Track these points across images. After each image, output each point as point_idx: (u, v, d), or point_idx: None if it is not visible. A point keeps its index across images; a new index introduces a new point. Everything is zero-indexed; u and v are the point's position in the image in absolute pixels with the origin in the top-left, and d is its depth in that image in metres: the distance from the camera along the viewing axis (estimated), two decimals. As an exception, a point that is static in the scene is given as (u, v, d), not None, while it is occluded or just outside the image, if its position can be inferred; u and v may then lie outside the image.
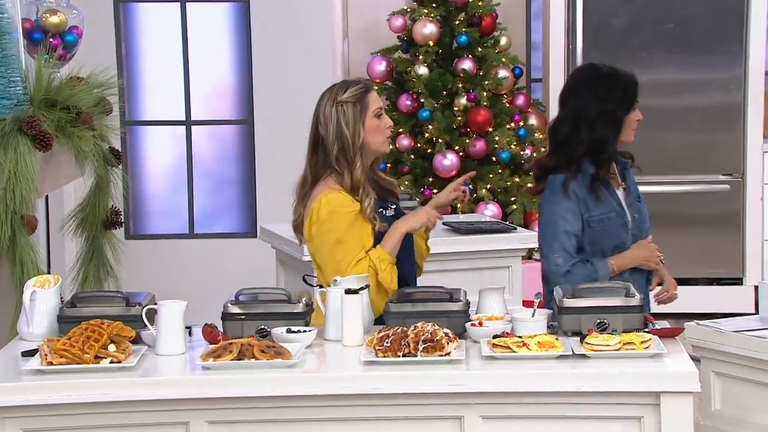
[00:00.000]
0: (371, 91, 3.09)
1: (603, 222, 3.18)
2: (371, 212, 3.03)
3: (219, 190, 5.95)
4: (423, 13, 5.68)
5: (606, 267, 3.16)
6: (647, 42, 5.68)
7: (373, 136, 3.06)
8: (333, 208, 3.04)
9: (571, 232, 3.15)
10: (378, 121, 3.07)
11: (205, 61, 5.83)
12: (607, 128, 3.14)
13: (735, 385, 2.81)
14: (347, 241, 3.02)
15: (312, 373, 2.67)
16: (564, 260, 3.14)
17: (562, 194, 3.15)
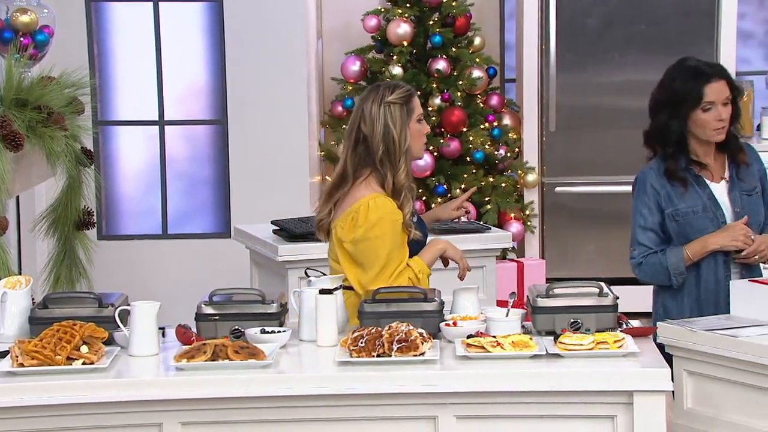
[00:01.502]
0: (415, 95, 3.12)
1: (688, 216, 3.19)
2: (409, 219, 3.06)
3: (192, 190, 5.92)
4: (397, 13, 5.68)
5: (679, 254, 3.18)
6: (619, 42, 5.71)
7: (414, 141, 3.10)
8: (382, 215, 3.03)
9: (646, 227, 3.22)
10: (419, 126, 3.11)
11: (178, 60, 5.80)
12: (670, 119, 3.18)
13: (707, 384, 2.83)
14: (393, 250, 3.04)
15: (286, 373, 2.66)
16: (638, 252, 3.23)
17: (639, 189, 3.24)
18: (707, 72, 3.17)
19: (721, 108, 3.16)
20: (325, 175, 5.99)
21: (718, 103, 3.16)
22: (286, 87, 5.67)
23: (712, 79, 3.16)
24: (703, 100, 3.15)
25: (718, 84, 3.16)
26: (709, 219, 3.20)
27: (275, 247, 4.16)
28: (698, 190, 3.21)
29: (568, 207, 5.82)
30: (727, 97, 3.17)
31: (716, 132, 3.17)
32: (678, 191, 3.20)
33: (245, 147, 5.71)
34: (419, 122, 3.11)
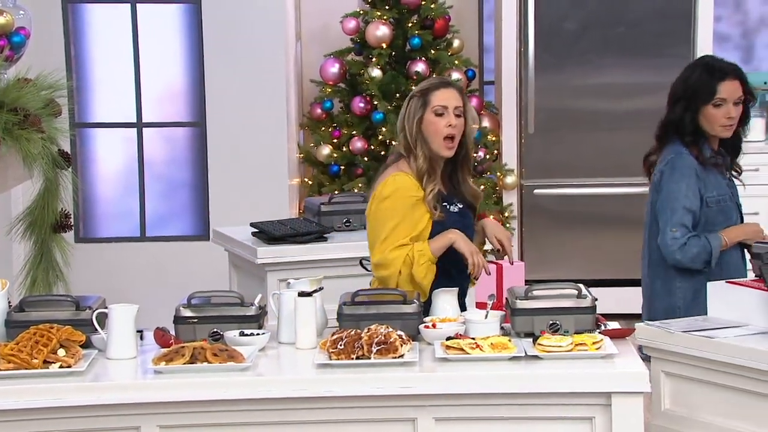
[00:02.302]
0: (443, 88, 3.14)
1: (720, 203, 3.33)
2: (432, 199, 3.10)
3: (171, 193, 5.90)
4: (376, 15, 5.68)
5: (718, 239, 3.29)
6: (597, 45, 5.74)
7: (428, 134, 3.12)
8: (396, 189, 3.12)
9: (690, 209, 3.31)
10: (435, 118, 3.12)
11: (156, 62, 5.78)
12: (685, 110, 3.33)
13: (684, 385, 2.85)
14: (400, 223, 3.08)
15: (265, 376, 2.66)
16: (681, 234, 3.28)
17: (682, 172, 3.31)
18: (724, 70, 3.32)
19: (731, 106, 3.30)
20: (304, 177, 5.99)
21: (730, 101, 3.29)
22: (264, 89, 5.66)
23: (727, 77, 3.30)
24: (716, 96, 3.29)
25: (732, 83, 3.30)
26: (734, 208, 3.36)
27: (254, 250, 4.16)
28: (722, 179, 3.38)
29: (547, 209, 5.84)
30: (740, 98, 3.30)
31: (723, 128, 3.31)
32: (711, 178, 3.34)
33: (224, 149, 5.70)
34: (437, 115, 3.11)
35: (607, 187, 5.79)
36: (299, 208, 5.81)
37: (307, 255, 4.13)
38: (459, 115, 3.13)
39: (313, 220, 4.38)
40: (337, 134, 5.75)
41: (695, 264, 3.31)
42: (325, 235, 4.22)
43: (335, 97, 5.83)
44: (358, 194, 4.75)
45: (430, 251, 3.07)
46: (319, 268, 3.92)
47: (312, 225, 4.30)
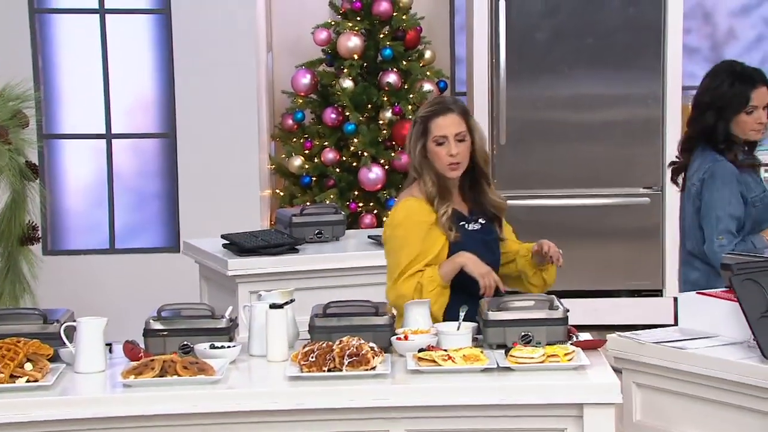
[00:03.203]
0: (442, 115, 3.11)
1: (763, 200, 3.45)
2: (446, 221, 3.10)
3: (141, 204, 5.88)
4: (347, 26, 5.70)
5: (762, 240, 3.44)
6: (568, 56, 5.78)
7: (434, 160, 3.13)
8: (407, 214, 3.14)
9: (735, 215, 3.41)
10: (437, 148, 3.11)
11: (125, 73, 5.76)
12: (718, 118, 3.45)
13: (655, 396, 2.86)
14: (411, 250, 3.09)
15: (236, 389, 2.65)
16: (728, 241, 3.39)
17: (724, 180, 3.42)
18: (755, 77, 3.46)
19: (762, 111, 3.44)
20: (275, 189, 5.98)
21: (761, 107, 3.44)
22: (235, 100, 5.65)
23: (758, 84, 3.45)
24: (750, 104, 3.43)
25: (762, 89, 3.45)
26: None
27: (225, 261, 4.14)
28: (758, 179, 3.51)
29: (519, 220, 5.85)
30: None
31: (755, 132, 3.46)
32: (748, 179, 3.46)
33: (194, 160, 5.68)
34: (438, 144, 3.10)
35: (580, 198, 5.83)
36: (270, 220, 5.80)
37: (278, 267, 4.12)
38: (461, 140, 3.11)
39: (284, 232, 4.37)
40: (309, 145, 5.75)
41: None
42: (296, 247, 4.22)
43: (307, 108, 5.83)
44: (330, 206, 4.76)
45: (440, 276, 3.07)
46: (291, 280, 3.92)
47: (283, 237, 4.29)
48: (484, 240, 3.18)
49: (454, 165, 3.11)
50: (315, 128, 5.80)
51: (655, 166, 5.80)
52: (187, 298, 4.12)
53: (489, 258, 3.14)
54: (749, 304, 2.70)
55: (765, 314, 2.69)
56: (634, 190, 5.82)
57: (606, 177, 5.85)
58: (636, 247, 5.77)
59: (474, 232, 3.16)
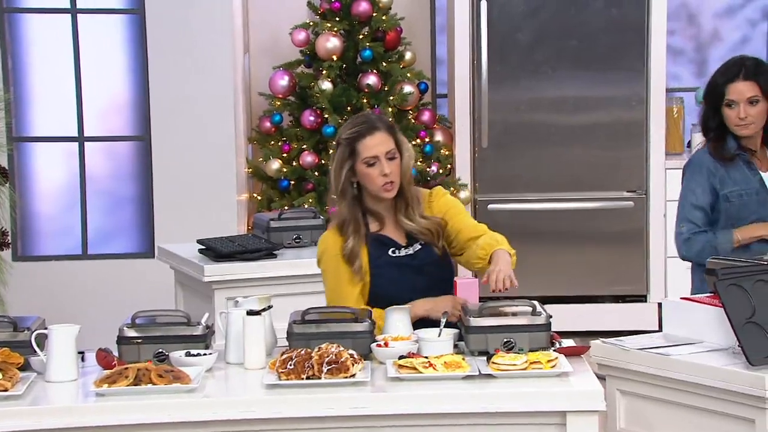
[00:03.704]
0: (369, 135, 3.04)
1: (742, 197, 3.44)
2: (347, 252, 3.07)
3: (114, 209, 5.86)
4: (326, 27, 5.70)
5: (728, 235, 3.42)
6: (551, 57, 5.81)
7: (366, 183, 3.08)
8: (323, 249, 3.14)
9: (697, 205, 3.45)
10: (369, 169, 3.05)
11: (98, 74, 5.74)
12: (708, 109, 3.48)
13: (640, 404, 2.88)
14: (337, 286, 3.10)
15: (212, 397, 2.64)
16: (687, 230, 3.45)
17: (693, 170, 3.48)
18: (733, 71, 3.46)
19: (744, 106, 3.43)
20: (252, 193, 5.98)
21: (740, 102, 3.43)
22: (211, 102, 5.64)
23: (734, 78, 3.44)
24: (725, 97, 3.44)
25: (741, 84, 3.44)
26: (760, 203, 3.45)
27: (201, 267, 4.14)
28: (749, 174, 3.47)
29: (502, 225, 5.86)
30: (753, 97, 3.43)
31: (738, 128, 3.45)
32: (731, 173, 3.45)
33: (169, 164, 5.67)
34: (369, 165, 3.04)
35: (563, 202, 5.85)
36: (248, 224, 5.79)
37: (255, 272, 4.12)
38: (392, 158, 3.05)
39: (262, 237, 4.37)
40: (287, 148, 5.75)
41: (701, 259, 3.42)
42: (274, 252, 4.22)
43: (285, 110, 5.83)
44: (309, 210, 4.76)
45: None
46: (269, 286, 3.92)
47: (261, 242, 4.29)
48: (414, 266, 3.11)
49: (389, 185, 3.05)
50: (293, 131, 5.79)
51: (639, 169, 5.83)
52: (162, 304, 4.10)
53: (422, 283, 3.09)
54: (734, 310, 2.72)
55: (750, 320, 2.71)
56: (618, 194, 5.85)
57: (589, 180, 5.88)
58: (620, 251, 5.79)
59: (401, 259, 3.10)
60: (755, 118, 3.45)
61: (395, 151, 3.07)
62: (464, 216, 3.20)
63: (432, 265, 3.15)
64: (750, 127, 3.46)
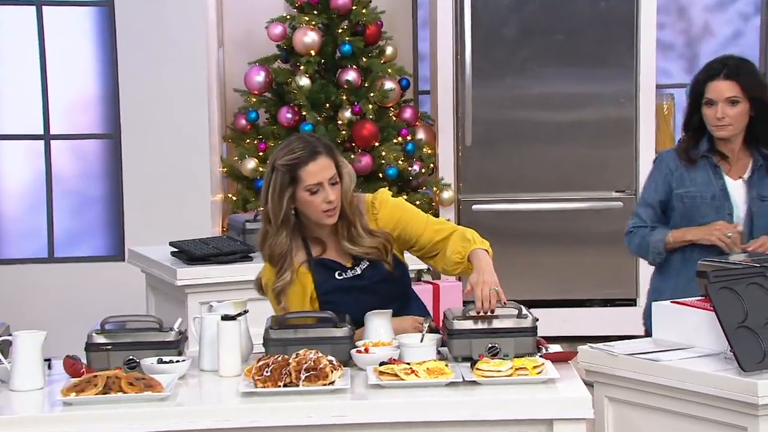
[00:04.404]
0: (311, 161, 2.97)
1: (695, 200, 3.46)
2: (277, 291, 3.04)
3: (82, 210, 5.84)
4: (304, 20, 5.70)
5: (662, 235, 3.47)
6: (537, 53, 5.83)
7: (307, 210, 3.03)
8: (265, 283, 3.10)
9: (647, 202, 3.52)
10: (311, 197, 2.99)
11: (65, 69, 5.73)
12: (690, 107, 3.50)
13: (629, 411, 2.89)
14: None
15: (185, 406, 2.64)
16: (632, 223, 3.54)
17: (655, 166, 3.54)
18: (715, 69, 3.45)
19: (723, 106, 3.42)
20: (227, 193, 5.98)
21: (719, 101, 3.42)
22: (184, 98, 5.64)
23: (716, 77, 3.44)
24: (704, 96, 3.45)
25: (721, 83, 3.43)
26: (714, 208, 3.45)
27: (173, 271, 4.13)
28: (712, 179, 3.48)
29: (486, 225, 5.91)
30: (732, 97, 3.42)
31: (715, 128, 3.45)
32: (693, 174, 3.47)
33: (140, 163, 5.66)
34: (312, 193, 2.98)
35: (549, 203, 5.88)
36: (222, 226, 5.79)
37: (230, 276, 4.12)
38: (335, 182, 3.00)
39: (237, 239, 4.37)
40: (263, 147, 5.75)
41: (641, 254, 3.53)
42: (250, 255, 4.22)
43: (261, 107, 5.83)
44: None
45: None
46: (244, 290, 3.90)
47: (236, 244, 4.29)
48: (362, 287, 3.08)
49: (331, 212, 3.01)
50: (269, 129, 5.79)
51: (628, 168, 5.87)
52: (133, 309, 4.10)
53: (374, 302, 3.05)
54: (726, 314, 2.73)
55: (742, 324, 2.73)
56: (607, 194, 5.88)
57: (577, 180, 5.91)
58: (608, 254, 5.82)
59: (348, 281, 3.08)
60: (733, 119, 3.43)
61: (337, 175, 3.01)
62: (417, 218, 3.14)
63: (382, 283, 3.11)
64: (727, 128, 3.44)
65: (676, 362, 2.80)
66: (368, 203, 3.12)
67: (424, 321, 3.04)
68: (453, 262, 3.05)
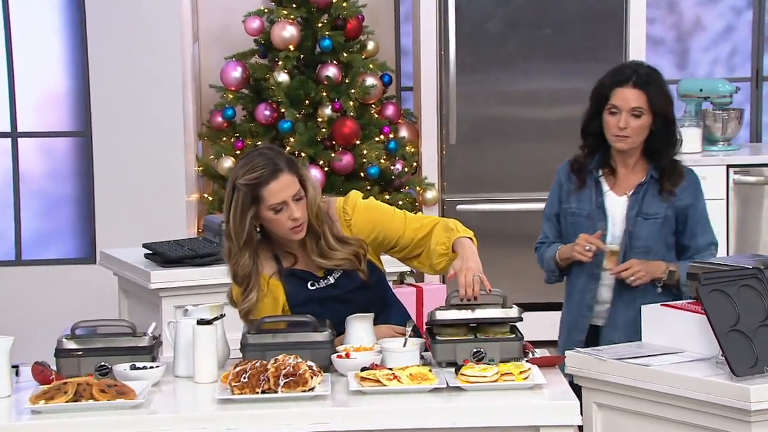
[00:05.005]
0: (273, 180, 2.94)
1: (573, 216, 3.43)
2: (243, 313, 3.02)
3: (51, 210, 5.83)
4: (282, 14, 5.70)
5: (552, 252, 3.45)
6: (524, 48, 5.85)
7: (273, 228, 3.01)
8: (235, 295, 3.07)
9: (548, 216, 3.50)
10: (276, 215, 2.97)
11: (32, 63, 5.71)
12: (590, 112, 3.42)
13: (617, 417, 2.91)
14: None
15: (160, 413, 2.64)
16: (539, 239, 3.52)
17: (556, 178, 3.51)
18: (624, 75, 3.36)
19: (626, 116, 3.33)
20: (203, 193, 5.97)
21: (623, 110, 3.33)
22: (158, 95, 5.63)
23: (624, 84, 3.34)
24: (609, 102, 3.35)
25: (629, 91, 3.33)
26: (586, 227, 3.39)
27: (147, 273, 4.13)
28: (592, 195, 3.42)
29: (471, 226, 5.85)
30: (637, 108, 3.32)
31: (615, 138, 3.36)
32: (579, 190, 3.42)
33: (112, 161, 5.65)
34: (276, 212, 2.95)
35: (536, 203, 5.88)
36: (198, 227, 5.78)
37: (206, 279, 4.11)
38: (299, 198, 2.97)
39: (213, 240, 4.36)
40: (240, 145, 5.74)
41: (543, 269, 3.52)
42: (226, 257, 4.21)
43: (238, 104, 5.82)
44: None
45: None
46: (221, 293, 3.90)
47: (212, 245, 4.28)
48: (336, 296, 3.07)
49: (298, 228, 2.99)
50: (247, 126, 5.79)
51: (617, 167, 5.89)
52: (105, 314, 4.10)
53: (349, 311, 3.03)
54: (717, 317, 2.75)
55: (734, 328, 2.75)
56: (595, 194, 5.90)
57: (565, 179, 5.92)
58: (597, 255, 5.84)
59: (321, 291, 3.07)
60: (634, 131, 3.31)
61: (301, 190, 2.98)
62: (393, 217, 3.12)
63: (357, 291, 3.10)
64: (627, 141, 3.34)
65: (667, 367, 2.82)
66: (339, 209, 3.11)
67: (407, 324, 3.04)
68: (438, 254, 3.05)
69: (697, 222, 3.42)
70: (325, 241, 3.04)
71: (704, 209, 3.45)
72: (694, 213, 3.41)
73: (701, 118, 6.00)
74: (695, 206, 3.42)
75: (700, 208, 3.43)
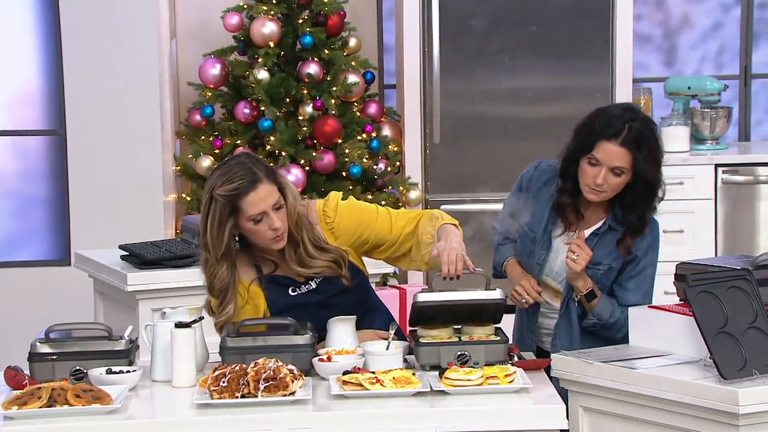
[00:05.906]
0: (252, 190, 2.93)
1: (522, 236, 3.35)
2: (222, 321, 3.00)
3: (24, 211, 5.81)
4: (262, 10, 5.70)
5: (502, 258, 3.41)
6: (508, 45, 5.86)
7: (253, 238, 3.01)
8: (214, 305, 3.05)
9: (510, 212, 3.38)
10: (256, 226, 2.96)
11: (5, 60, 5.69)
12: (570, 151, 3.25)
13: (604, 421, 2.92)
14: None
15: (137, 419, 2.64)
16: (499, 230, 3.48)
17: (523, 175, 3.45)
18: (614, 128, 3.16)
19: (606, 173, 3.15)
20: (181, 193, 5.96)
21: (605, 165, 3.15)
22: (134, 92, 5.62)
23: (612, 139, 3.14)
24: (591, 152, 3.17)
25: (615, 148, 3.14)
26: (528, 251, 3.32)
27: (124, 275, 4.12)
28: (547, 222, 3.30)
29: (455, 227, 5.94)
30: (620, 168, 3.15)
31: (589, 190, 3.20)
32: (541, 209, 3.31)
33: (87, 161, 5.63)
34: (256, 222, 2.95)
35: (521, 203, 5.90)
36: (176, 228, 5.77)
37: (184, 281, 4.10)
38: (279, 207, 2.97)
39: (191, 242, 4.36)
40: (219, 144, 5.74)
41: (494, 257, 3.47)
42: (204, 259, 4.21)
43: (217, 102, 5.81)
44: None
45: None
46: (199, 296, 3.89)
47: (190, 247, 4.28)
48: (318, 302, 3.08)
49: (279, 237, 2.98)
50: (226, 125, 5.78)
51: (604, 167, 5.90)
52: (80, 317, 4.08)
53: (331, 316, 3.03)
54: (705, 319, 2.77)
55: (722, 330, 2.76)
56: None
57: (550, 179, 5.94)
58: (584, 256, 5.85)
59: (303, 296, 3.07)
60: (611, 188, 3.16)
61: (281, 198, 2.98)
62: (377, 216, 3.12)
63: (339, 296, 3.10)
64: (601, 195, 3.16)
65: (654, 370, 2.83)
66: (319, 212, 3.11)
67: (390, 326, 3.05)
68: (425, 244, 3.05)
69: (633, 277, 3.25)
70: (304, 250, 3.04)
71: (650, 267, 3.27)
72: (635, 266, 3.25)
73: (689, 116, 6.03)
74: (639, 260, 3.24)
75: (644, 264, 3.25)
